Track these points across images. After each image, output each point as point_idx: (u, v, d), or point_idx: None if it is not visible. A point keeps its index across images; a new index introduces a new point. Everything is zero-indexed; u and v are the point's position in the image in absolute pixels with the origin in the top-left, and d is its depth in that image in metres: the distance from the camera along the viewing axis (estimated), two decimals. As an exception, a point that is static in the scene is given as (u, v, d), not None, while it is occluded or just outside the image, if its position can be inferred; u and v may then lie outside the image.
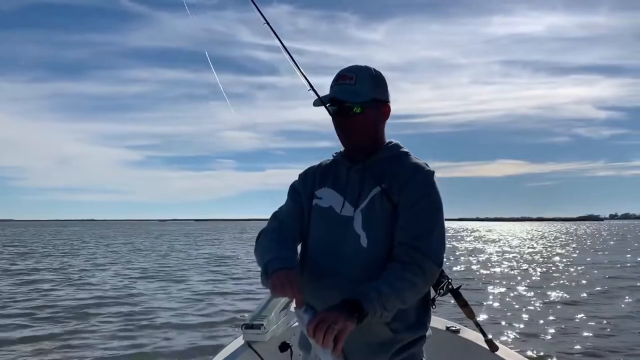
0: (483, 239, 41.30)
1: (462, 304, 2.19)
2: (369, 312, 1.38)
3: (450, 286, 2.10)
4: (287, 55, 1.93)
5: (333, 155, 1.80)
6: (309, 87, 1.81)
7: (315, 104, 1.72)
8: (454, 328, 3.08)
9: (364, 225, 1.60)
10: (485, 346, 2.74)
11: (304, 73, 1.88)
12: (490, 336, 2.34)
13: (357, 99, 1.62)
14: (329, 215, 1.67)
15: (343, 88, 1.64)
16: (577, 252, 25.92)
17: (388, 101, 1.71)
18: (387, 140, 1.74)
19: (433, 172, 1.63)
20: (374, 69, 1.71)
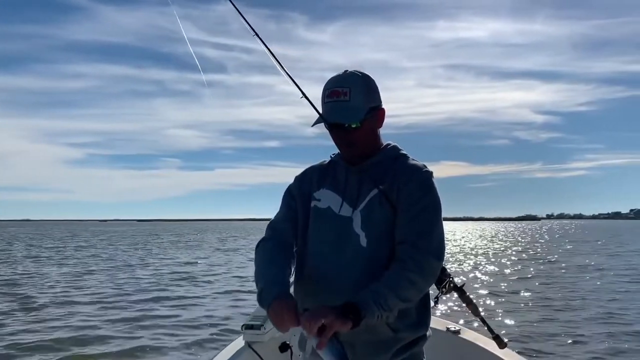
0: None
1: (467, 301, 2.24)
2: (366, 315, 1.41)
3: (452, 284, 2.13)
4: (286, 75, 1.84)
5: (331, 156, 1.79)
6: (316, 114, 1.70)
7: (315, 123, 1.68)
8: (454, 329, 3.09)
9: (363, 226, 1.60)
10: (485, 347, 2.80)
11: (307, 96, 1.77)
12: (497, 333, 2.28)
13: (356, 117, 1.60)
14: (327, 215, 1.66)
15: (338, 107, 1.61)
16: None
17: (381, 104, 1.70)
18: (384, 142, 1.74)
19: (431, 172, 1.65)
20: (363, 74, 1.66)
